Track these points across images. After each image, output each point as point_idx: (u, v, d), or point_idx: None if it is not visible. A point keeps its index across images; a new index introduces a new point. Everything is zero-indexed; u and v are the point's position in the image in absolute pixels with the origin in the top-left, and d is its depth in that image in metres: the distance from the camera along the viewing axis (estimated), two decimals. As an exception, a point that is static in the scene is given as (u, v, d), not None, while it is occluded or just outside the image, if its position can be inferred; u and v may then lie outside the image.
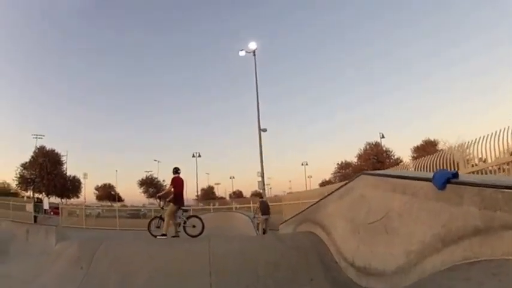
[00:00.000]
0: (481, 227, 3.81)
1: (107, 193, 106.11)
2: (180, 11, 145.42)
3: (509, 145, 10.67)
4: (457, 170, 13.15)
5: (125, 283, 8.73)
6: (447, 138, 57.91)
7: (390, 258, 5.75)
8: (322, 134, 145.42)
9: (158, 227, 12.43)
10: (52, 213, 52.57)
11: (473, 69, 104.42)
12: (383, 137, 74.37)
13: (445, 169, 4.96)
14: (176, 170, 13.41)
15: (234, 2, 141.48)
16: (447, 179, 4.49)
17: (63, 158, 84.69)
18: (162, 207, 12.86)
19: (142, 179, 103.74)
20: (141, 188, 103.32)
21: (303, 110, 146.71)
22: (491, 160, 11.17)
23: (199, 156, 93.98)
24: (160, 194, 13.33)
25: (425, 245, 4.81)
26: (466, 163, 12.93)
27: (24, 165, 79.14)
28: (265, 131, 43.20)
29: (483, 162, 11.97)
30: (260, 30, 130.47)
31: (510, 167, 10.56)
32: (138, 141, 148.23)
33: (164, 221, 12.39)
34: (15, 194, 78.56)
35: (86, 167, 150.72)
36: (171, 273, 8.75)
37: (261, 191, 44.07)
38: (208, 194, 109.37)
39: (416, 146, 71.58)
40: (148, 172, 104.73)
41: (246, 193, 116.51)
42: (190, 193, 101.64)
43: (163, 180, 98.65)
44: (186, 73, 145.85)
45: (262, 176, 42.63)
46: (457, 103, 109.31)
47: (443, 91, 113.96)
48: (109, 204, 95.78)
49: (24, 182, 78.72)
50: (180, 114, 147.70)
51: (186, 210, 12.77)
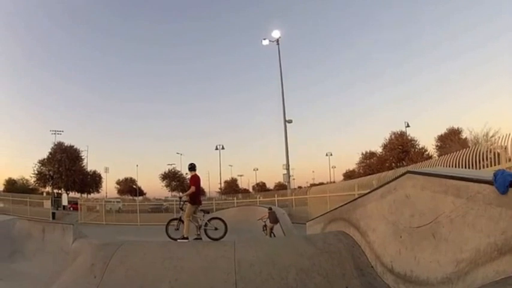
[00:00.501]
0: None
1: (129, 187, 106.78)
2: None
3: None
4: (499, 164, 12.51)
5: (142, 296, 8.18)
6: (472, 125, 57.12)
7: (436, 266, 5.29)
8: (345, 123, 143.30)
9: (177, 229, 11.68)
10: (72, 208, 53.02)
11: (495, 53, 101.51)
12: (408, 126, 73.23)
13: (504, 170, 4.49)
14: (193, 167, 12.34)
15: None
16: (510, 182, 3.92)
17: (83, 154, 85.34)
18: (181, 208, 12.05)
19: (165, 173, 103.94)
20: (164, 182, 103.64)
21: (326, 98, 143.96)
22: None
23: (222, 148, 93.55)
24: (183, 195, 12.28)
25: (479, 253, 4.34)
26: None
27: (42, 162, 79.73)
28: (290, 122, 42.97)
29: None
30: (284, 16, 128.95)
31: None
32: (161, 133, 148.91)
33: (184, 223, 11.62)
34: (34, 190, 79.51)
35: (107, 161, 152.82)
36: (194, 282, 8.24)
37: (286, 183, 43.72)
38: (231, 187, 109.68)
39: (440, 135, 69.44)
40: (170, 165, 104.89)
41: (270, 184, 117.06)
42: (213, 185, 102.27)
43: (186, 173, 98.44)
44: (209, 63, 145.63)
45: (288, 169, 42.33)
46: (479, 89, 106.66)
47: (466, 76, 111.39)
48: (130, 198, 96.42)
49: (42, 178, 79.51)
50: (202, 105, 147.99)
51: (207, 212, 12.01)
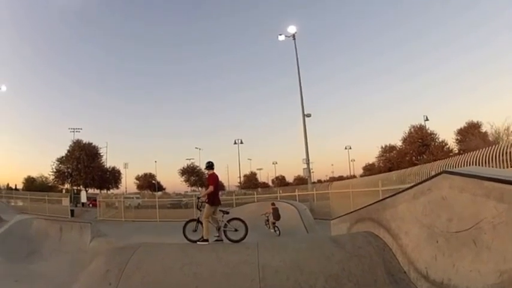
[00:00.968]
0: None
1: (148, 182, 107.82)
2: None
3: None
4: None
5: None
6: (491, 119, 56.99)
7: (476, 276, 4.92)
8: (364, 116, 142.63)
9: (195, 231, 11.26)
10: (90, 205, 53.29)
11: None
12: (427, 119, 73.15)
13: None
14: (211, 165, 11.86)
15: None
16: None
17: (102, 150, 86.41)
18: (199, 208, 11.59)
19: (184, 168, 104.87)
20: (183, 177, 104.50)
21: (345, 91, 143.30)
22: None
23: (241, 143, 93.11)
24: (201, 195, 11.71)
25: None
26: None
27: (60, 160, 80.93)
28: (309, 116, 42.72)
29: None
30: (301, 9, 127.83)
31: None
32: (179, 129, 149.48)
33: (203, 224, 11.18)
34: (53, 188, 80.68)
35: (127, 157, 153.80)
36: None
37: (306, 177, 43.47)
38: (251, 181, 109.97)
39: (460, 128, 70.54)
40: (189, 160, 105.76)
41: (289, 178, 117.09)
42: (232, 180, 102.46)
43: (205, 171, 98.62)
44: (227, 58, 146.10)
45: (308, 164, 42.02)
46: (497, 82, 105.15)
47: (486, 68, 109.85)
48: (149, 193, 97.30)
49: (60, 176, 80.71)
50: (220, 100, 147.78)
51: (227, 212, 11.55)
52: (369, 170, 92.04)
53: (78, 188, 78.34)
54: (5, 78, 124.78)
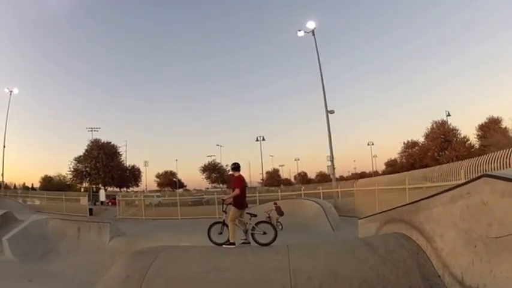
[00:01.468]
0: None
1: (169, 180, 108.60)
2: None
3: None
4: None
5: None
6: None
7: (514, 283, 4.70)
8: (385, 110, 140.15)
9: (220, 233, 10.97)
10: (110, 203, 53.48)
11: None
12: (449, 114, 73.38)
13: None
14: (237, 167, 11.29)
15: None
16: None
17: (121, 149, 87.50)
18: (224, 211, 11.26)
19: (205, 165, 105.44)
20: (204, 174, 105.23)
21: (364, 84, 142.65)
22: None
23: (263, 139, 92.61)
24: (226, 198, 11.26)
25: None
26: None
27: (78, 159, 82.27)
28: (332, 112, 42.28)
29: None
30: (319, 2, 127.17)
31: None
32: (200, 126, 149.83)
33: (228, 227, 10.89)
34: (71, 187, 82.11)
35: (147, 155, 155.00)
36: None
37: (330, 175, 43.27)
38: (273, 177, 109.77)
39: (481, 124, 70.96)
40: (210, 157, 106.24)
41: (311, 174, 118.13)
42: (254, 176, 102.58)
43: (226, 165, 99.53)
44: (247, 54, 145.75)
45: (332, 161, 41.69)
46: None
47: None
48: (170, 190, 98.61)
49: (78, 175, 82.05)
50: (241, 96, 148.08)
51: (255, 215, 11.19)
52: (391, 165, 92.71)
53: (97, 187, 79.36)
54: (20, 80, 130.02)
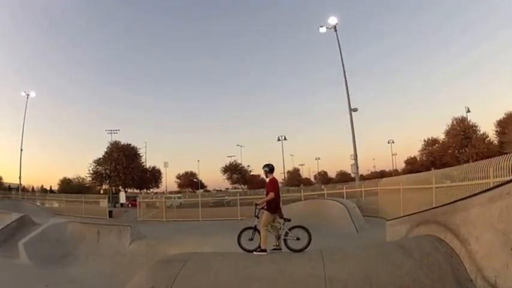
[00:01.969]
0: None
1: (189, 181, 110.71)
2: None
3: None
4: None
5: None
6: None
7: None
8: (404, 108, 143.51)
9: (251, 240, 10.57)
10: (130, 205, 53.76)
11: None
12: (468, 111, 73.39)
13: None
14: (272, 169, 10.93)
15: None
16: None
17: (141, 151, 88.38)
18: (257, 216, 10.82)
19: (226, 166, 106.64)
20: (225, 175, 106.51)
21: (384, 81, 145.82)
22: None
23: (285, 139, 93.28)
24: (260, 202, 10.72)
25: None
26: None
27: (97, 161, 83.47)
28: (356, 110, 42.14)
29: None
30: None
31: None
32: (219, 125, 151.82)
33: (260, 233, 10.50)
34: (90, 189, 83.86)
35: (166, 156, 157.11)
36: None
37: (353, 174, 43.90)
38: (294, 177, 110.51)
39: (499, 120, 71.15)
40: (230, 157, 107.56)
41: (331, 173, 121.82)
42: (276, 176, 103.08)
43: (247, 165, 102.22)
44: (267, 53, 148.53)
45: (356, 160, 41.91)
46: None
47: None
48: (190, 190, 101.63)
49: (98, 177, 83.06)
50: (260, 94, 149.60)
51: (288, 220, 10.74)
52: (410, 164, 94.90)
53: (117, 189, 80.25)
54: (38, 84, 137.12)
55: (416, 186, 21.47)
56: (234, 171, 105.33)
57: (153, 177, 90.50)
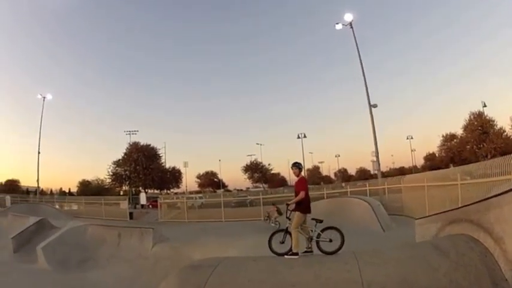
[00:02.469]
0: None
1: (210, 180, 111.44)
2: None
3: None
4: None
5: None
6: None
7: None
8: (423, 104, 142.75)
9: (282, 243, 10.20)
10: (150, 206, 53.75)
11: None
12: (485, 105, 73.20)
13: None
14: (299, 167, 10.79)
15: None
16: None
17: (160, 151, 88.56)
18: (288, 217, 10.45)
19: (247, 165, 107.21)
20: (246, 174, 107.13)
21: (401, 76, 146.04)
22: None
23: (304, 137, 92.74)
24: (290, 202, 10.30)
25: None
26: None
27: (116, 163, 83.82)
28: (375, 106, 42.41)
29: None
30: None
31: None
32: (238, 124, 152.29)
33: (291, 235, 10.14)
34: (109, 190, 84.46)
35: (186, 156, 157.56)
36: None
37: (375, 171, 45.33)
38: (314, 175, 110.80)
39: None
40: (250, 156, 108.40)
41: (351, 170, 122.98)
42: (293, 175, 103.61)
43: (268, 164, 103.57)
44: (285, 51, 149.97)
45: (377, 157, 42.21)
46: None
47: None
48: (211, 190, 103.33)
49: (118, 178, 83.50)
50: (278, 94, 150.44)
51: (320, 221, 10.37)
52: (429, 160, 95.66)
53: (137, 190, 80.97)
54: (55, 86, 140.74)
55: (441, 183, 21.09)
56: (255, 170, 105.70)
57: (173, 177, 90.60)
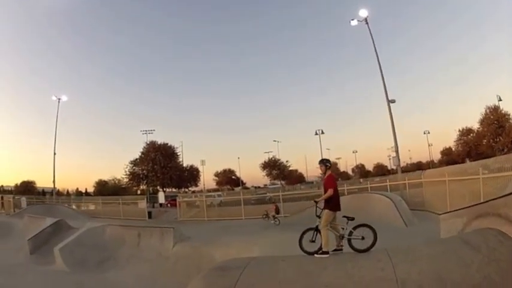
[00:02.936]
0: None
1: (228, 178, 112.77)
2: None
3: None
4: None
5: None
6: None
7: None
8: (439, 98, 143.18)
9: (313, 241, 9.85)
10: (169, 205, 53.69)
11: None
12: (500, 99, 73.89)
13: None
14: (326, 164, 10.59)
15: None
16: None
17: (178, 150, 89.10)
18: (318, 216, 10.07)
19: (265, 162, 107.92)
20: (264, 171, 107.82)
21: (420, 74, 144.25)
22: None
23: (322, 133, 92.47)
24: (319, 200, 9.88)
25: None
26: None
27: (134, 162, 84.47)
28: (393, 102, 42.92)
29: None
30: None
31: None
32: (254, 122, 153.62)
33: (321, 233, 9.79)
34: (126, 190, 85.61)
35: (203, 154, 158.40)
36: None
37: (395, 166, 45.60)
38: (332, 171, 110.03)
39: None
40: (267, 153, 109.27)
41: (368, 166, 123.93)
42: (311, 171, 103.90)
43: (286, 161, 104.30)
44: (301, 47, 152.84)
45: (397, 152, 42.71)
46: None
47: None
48: (229, 188, 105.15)
49: (135, 178, 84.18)
50: (293, 90, 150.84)
51: (352, 218, 9.98)
52: (446, 154, 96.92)
53: (154, 189, 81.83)
54: (70, 87, 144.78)
55: (462, 178, 20.76)
56: (274, 167, 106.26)
57: (191, 176, 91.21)
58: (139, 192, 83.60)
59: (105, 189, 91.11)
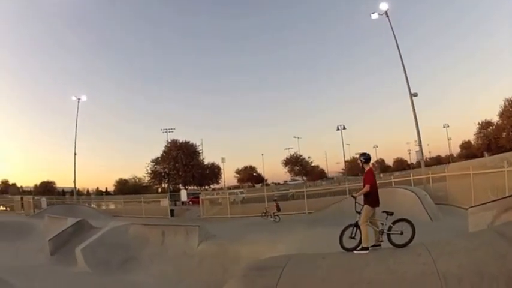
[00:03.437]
0: None
1: (249, 175, 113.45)
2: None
3: None
4: None
5: None
6: None
7: None
8: (456, 91, 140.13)
9: (353, 238, 9.60)
10: (191, 202, 53.64)
11: None
12: None
13: None
14: (368, 158, 10.47)
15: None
16: None
17: (199, 148, 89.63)
18: (358, 212, 9.81)
19: (287, 158, 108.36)
20: (286, 167, 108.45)
21: (440, 66, 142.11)
22: None
23: (344, 128, 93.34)
24: (357, 195, 9.64)
25: None
26: None
27: (155, 161, 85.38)
28: (416, 95, 43.19)
29: None
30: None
31: None
32: (274, 118, 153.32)
33: (361, 229, 9.71)
34: (148, 188, 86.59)
35: (223, 151, 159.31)
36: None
37: (419, 160, 47.19)
38: (353, 167, 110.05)
39: None
40: (287, 149, 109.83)
41: (388, 161, 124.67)
42: (332, 166, 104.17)
43: (308, 157, 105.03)
44: (320, 42, 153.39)
45: (421, 146, 43.34)
46: None
47: None
48: (250, 184, 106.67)
49: (157, 176, 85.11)
50: (311, 84, 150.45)
51: (391, 213, 9.71)
52: (465, 148, 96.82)
53: (176, 187, 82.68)
54: (89, 88, 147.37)
55: (487, 171, 20.54)
56: (295, 164, 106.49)
57: (212, 173, 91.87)
58: (160, 190, 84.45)
59: (125, 188, 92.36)
